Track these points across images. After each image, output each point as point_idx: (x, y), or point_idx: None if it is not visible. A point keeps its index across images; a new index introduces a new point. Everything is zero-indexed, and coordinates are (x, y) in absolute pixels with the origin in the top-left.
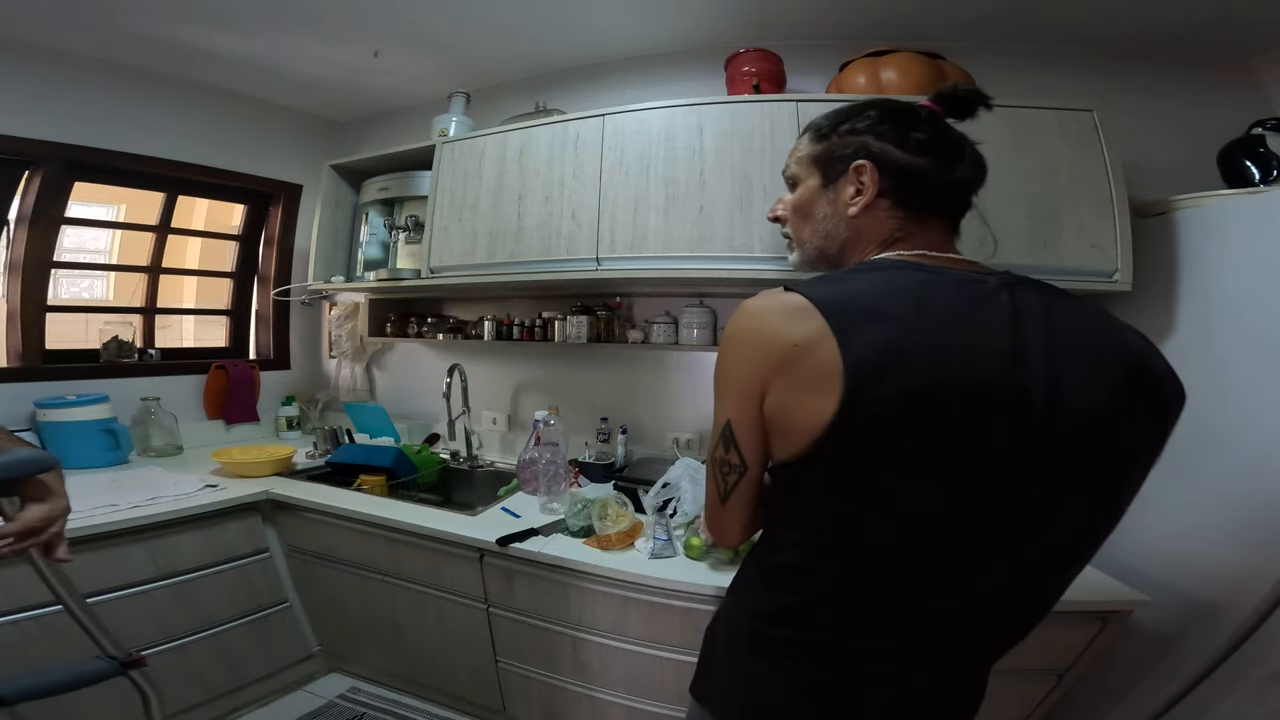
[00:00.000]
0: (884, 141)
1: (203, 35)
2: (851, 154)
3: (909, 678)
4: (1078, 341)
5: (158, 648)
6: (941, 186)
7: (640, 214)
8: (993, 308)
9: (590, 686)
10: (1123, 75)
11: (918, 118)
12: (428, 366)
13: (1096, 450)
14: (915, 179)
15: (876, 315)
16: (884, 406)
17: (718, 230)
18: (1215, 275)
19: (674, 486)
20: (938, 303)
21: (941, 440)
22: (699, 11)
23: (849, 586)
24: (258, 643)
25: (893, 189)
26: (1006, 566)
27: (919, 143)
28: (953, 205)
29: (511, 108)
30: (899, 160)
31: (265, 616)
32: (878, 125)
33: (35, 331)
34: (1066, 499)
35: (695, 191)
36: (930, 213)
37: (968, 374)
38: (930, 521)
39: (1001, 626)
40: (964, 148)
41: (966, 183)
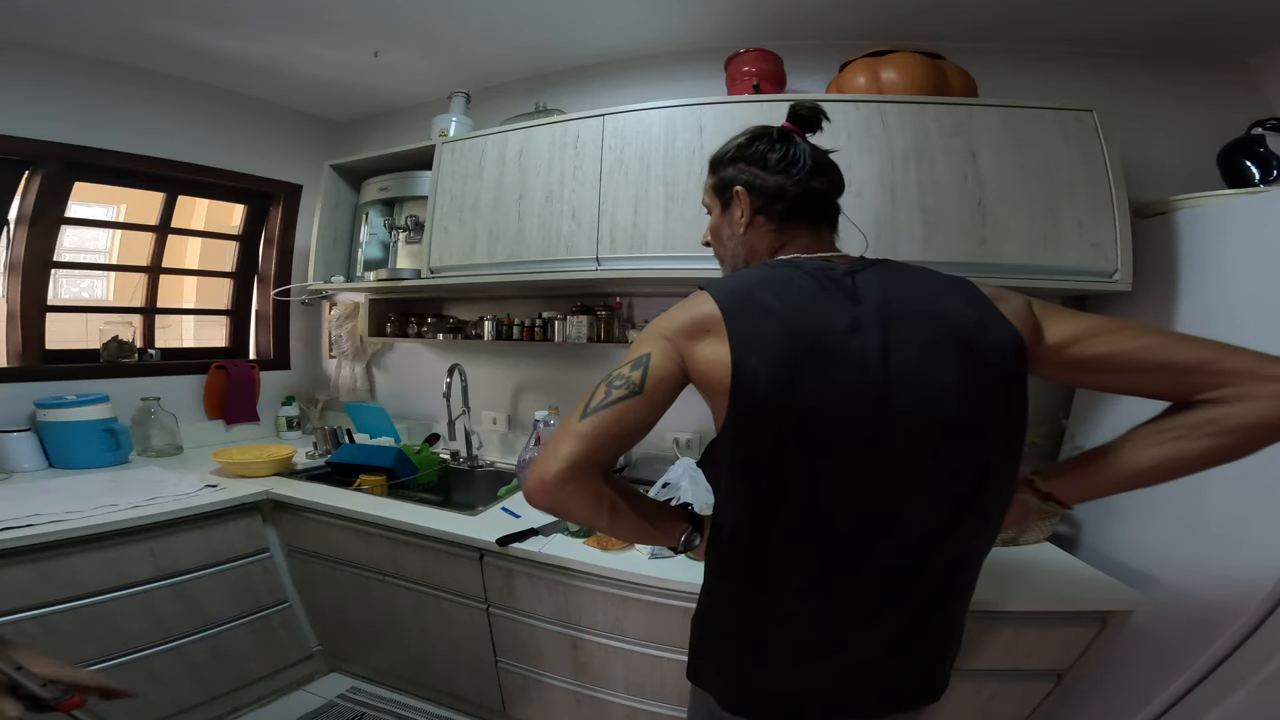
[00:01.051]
0: (753, 166)
1: (203, 35)
2: (731, 181)
3: (848, 634)
4: (910, 311)
5: (158, 648)
6: (800, 197)
7: (640, 214)
8: (835, 289)
9: (590, 686)
10: (1123, 75)
11: (773, 140)
12: (428, 366)
13: (931, 406)
14: (777, 195)
15: (750, 299)
16: (758, 369)
17: None
18: (1215, 275)
19: (674, 486)
20: (793, 289)
21: (804, 394)
22: (699, 11)
23: (764, 549)
24: (258, 643)
25: (764, 206)
26: (897, 519)
27: (775, 162)
28: (817, 212)
29: (511, 108)
30: (763, 181)
31: (265, 616)
32: (746, 151)
33: (35, 331)
34: (920, 451)
35: (695, 191)
36: (797, 221)
37: (815, 342)
38: (816, 468)
39: (917, 579)
40: (811, 162)
41: (821, 191)
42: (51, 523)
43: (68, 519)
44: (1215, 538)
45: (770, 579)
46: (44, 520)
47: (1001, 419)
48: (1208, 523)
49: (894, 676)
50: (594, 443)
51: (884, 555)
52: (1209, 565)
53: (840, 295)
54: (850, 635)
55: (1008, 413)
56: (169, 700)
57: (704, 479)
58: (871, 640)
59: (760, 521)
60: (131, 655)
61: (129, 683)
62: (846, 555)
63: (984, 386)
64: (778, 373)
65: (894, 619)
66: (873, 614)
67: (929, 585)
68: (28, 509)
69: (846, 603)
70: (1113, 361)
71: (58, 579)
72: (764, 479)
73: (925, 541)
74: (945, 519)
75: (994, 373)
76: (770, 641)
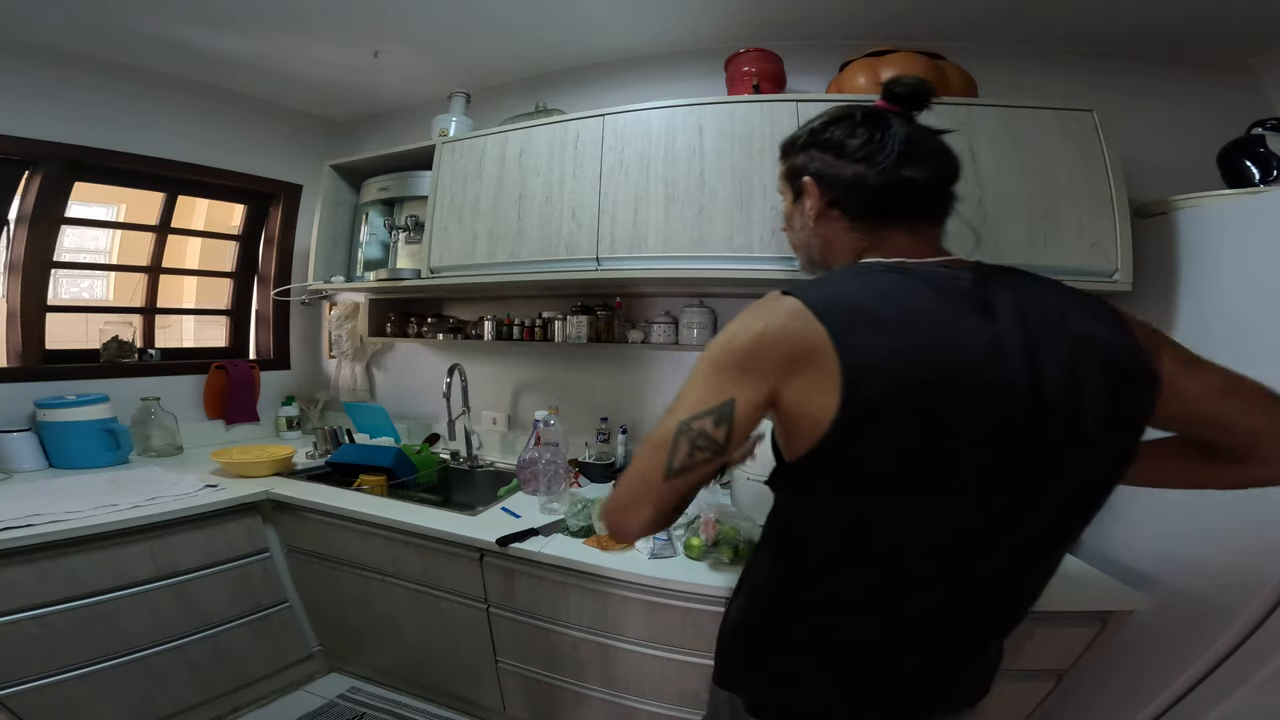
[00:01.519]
0: (826, 153)
1: (203, 35)
2: (801, 169)
3: (924, 655)
4: (1053, 331)
5: (158, 648)
6: (885, 189)
7: (640, 214)
8: (962, 302)
9: (590, 686)
10: (1123, 75)
11: (855, 123)
12: (428, 366)
13: (1079, 437)
14: (855, 186)
15: (865, 318)
16: (877, 403)
17: (717, 230)
18: (1215, 275)
19: None
20: (912, 301)
21: (932, 433)
22: (699, 11)
23: (856, 578)
24: (258, 643)
25: (839, 198)
26: (1004, 549)
27: (855, 149)
28: (913, 206)
29: (511, 108)
30: (836, 170)
31: (265, 616)
32: (820, 136)
33: (35, 331)
34: (1053, 484)
35: (695, 191)
36: (887, 217)
37: (948, 372)
38: (932, 507)
39: (1006, 604)
40: (904, 147)
41: (916, 182)
42: (51, 523)
43: (68, 519)
44: (1215, 538)
45: (862, 600)
46: (44, 520)
47: (1126, 462)
48: (1207, 523)
49: (949, 685)
50: (671, 505)
51: (979, 579)
52: (1209, 565)
53: (969, 309)
54: (917, 651)
55: (1127, 457)
56: (169, 700)
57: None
58: (935, 653)
59: (868, 547)
60: (131, 655)
61: (126, 682)
62: (945, 580)
63: (1125, 422)
64: (903, 413)
65: (965, 637)
66: (946, 631)
67: (1011, 608)
68: (28, 509)
69: (925, 621)
70: (1219, 424)
71: (58, 579)
72: (877, 516)
73: (1021, 565)
74: (1050, 548)
75: (1136, 408)
76: (835, 656)
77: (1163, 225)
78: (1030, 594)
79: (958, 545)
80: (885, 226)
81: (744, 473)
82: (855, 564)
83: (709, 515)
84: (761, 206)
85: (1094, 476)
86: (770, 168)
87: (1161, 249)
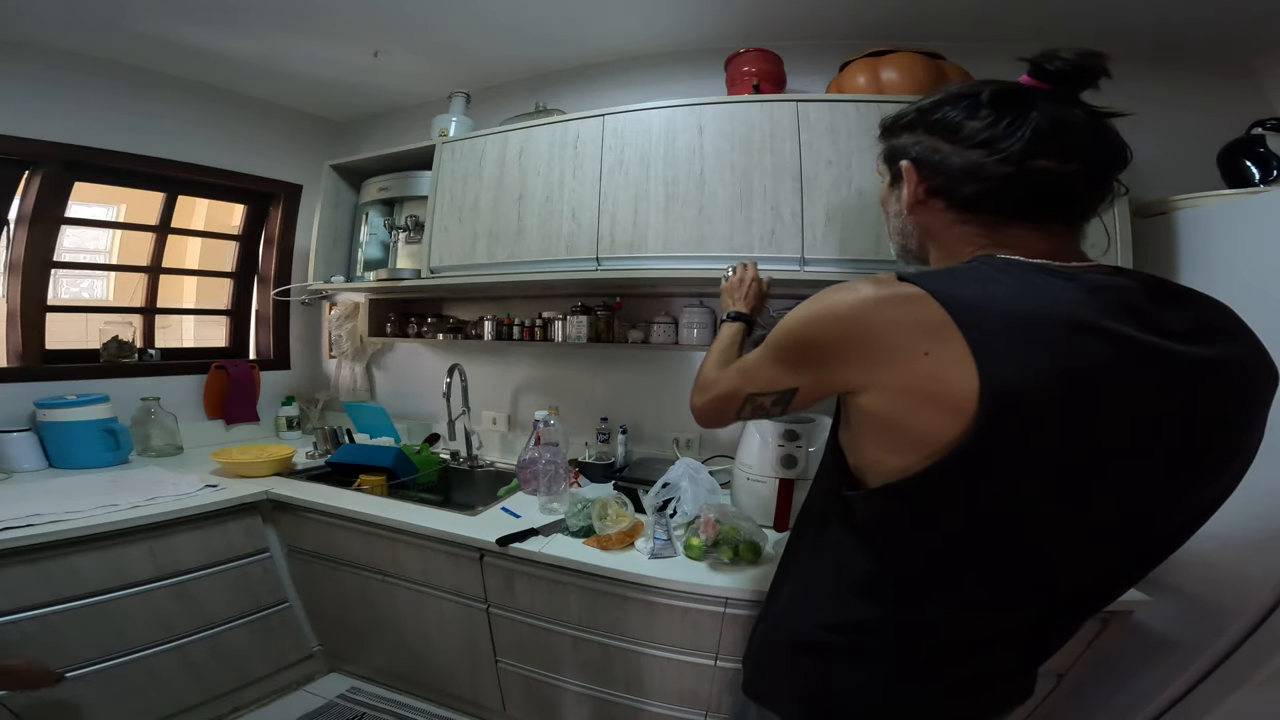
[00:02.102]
0: (935, 136)
1: (203, 35)
2: (901, 151)
3: (987, 678)
4: (1225, 355)
5: (158, 647)
6: (1011, 181)
7: (640, 214)
8: (1127, 317)
9: (590, 686)
10: (1122, 75)
11: (978, 104)
12: (428, 366)
13: (1219, 458)
14: (968, 175)
15: (1013, 325)
16: (1018, 434)
17: (718, 230)
18: (1215, 275)
19: (674, 486)
20: (1078, 315)
21: (1070, 467)
22: (699, 11)
23: (935, 605)
24: (258, 643)
25: (944, 187)
26: (1094, 575)
27: (973, 133)
28: (1048, 203)
29: (511, 108)
30: (944, 157)
31: (265, 616)
32: (930, 116)
33: (35, 331)
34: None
35: (695, 191)
36: (1014, 214)
37: (1112, 398)
38: (1040, 545)
39: (1065, 632)
40: (1038, 132)
41: (1055, 174)
42: (51, 523)
43: (68, 519)
44: (1215, 538)
45: (949, 616)
46: (44, 520)
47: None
48: (1208, 523)
49: (1017, 685)
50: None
51: (1057, 594)
52: (1209, 565)
53: (1133, 324)
54: (993, 659)
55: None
56: (169, 700)
57: (704, 478)
58: (997, 663)
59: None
60: (131, 655)
61: (125, 682)
62: (1027, 586)
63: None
64: (1044, 446)
65: (1027, 650)
66: (1013, 643)
67: (1075, 623)
68: (28, 509)
69: (998, 632)
70: None
71: (58, 579)
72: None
73: (1105, 585)
74: (1137, 565)
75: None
76: (910, 662)
77: (1163, 225)
78: (1081, 621)
79: (1052, 578)
80: (1006, 223)
81: (744, 473)
82: (958, 587)
83: (709, 515)
84: (762, 206)
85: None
86: (770, 168)
87: (1162, 249)
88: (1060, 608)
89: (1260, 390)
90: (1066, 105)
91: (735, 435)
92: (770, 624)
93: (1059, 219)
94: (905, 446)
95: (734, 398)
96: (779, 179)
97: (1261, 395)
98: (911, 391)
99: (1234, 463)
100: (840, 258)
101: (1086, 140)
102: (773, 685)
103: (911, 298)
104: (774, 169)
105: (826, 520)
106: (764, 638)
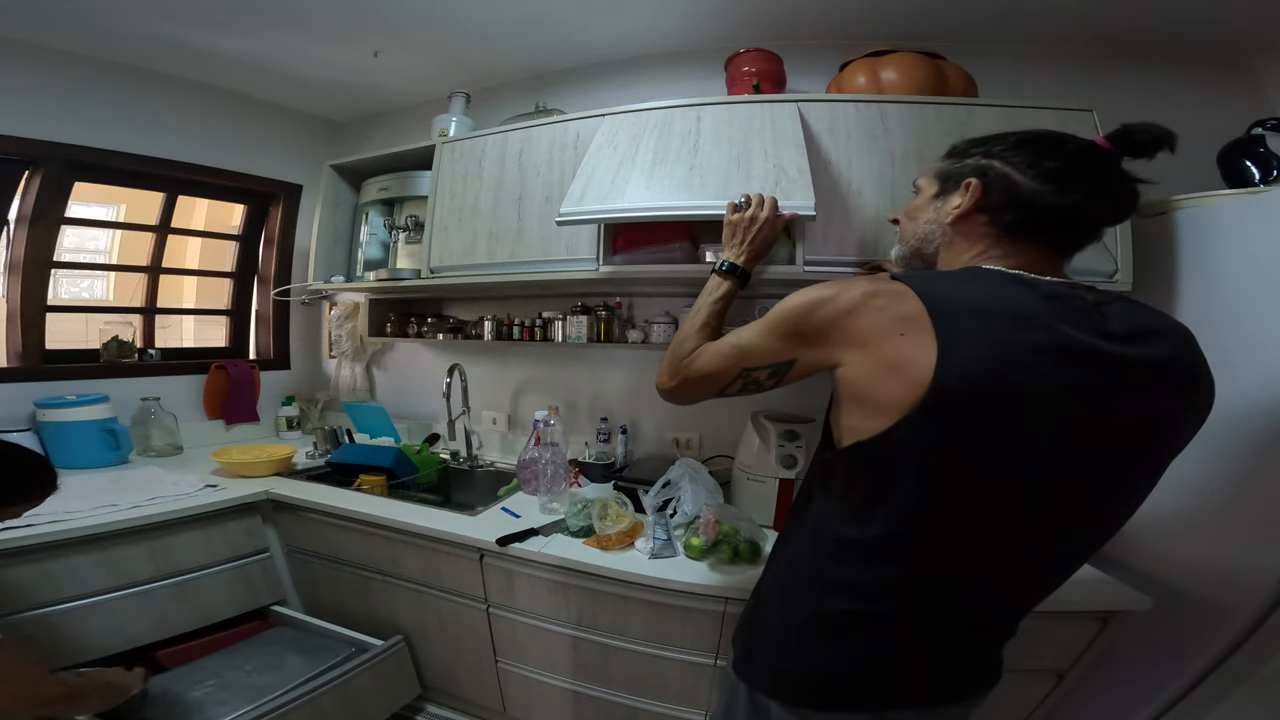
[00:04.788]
0: (1009, 165)
1: (202, 35)
2: (970, 171)
3: (956, 650)
4: (1167, 361)
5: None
6: (1047, 211)
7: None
8: (1087, 323)
9: (590, 686)
10: (1123, 75)
11: (1061, 149)
12: (428, 366)
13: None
14: (1024, 204)
15: (973, 317)
16: (961, 401)
17: (709, 182)
18: (1215, 275)
19: (674, 486)
20: (1028, 313)
21: (1009, 434)
22: (699, 11)
23: (902, 567)
24: None
25: (995, 207)
26: (1061, 543)
27: (1047, 170)
28: (1059, 230)
29: (511, 108)
30: (1015, 182)
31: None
32: (1012, 151)
33: (35, 331)
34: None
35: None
36: (1029, 234)
37: (1058, 388)
38: (995, 515)
39: (1036, 596)
40: (1103, 183)
41: (1080, 212)
42: (51, 523)
43: (68, 519)
44: (1215, 538)
45: (921, 580)
46: (44, 520)
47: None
48: (1208, 523)
49: (988, 663)
50: (701, 397)
51: (1037, 570)
52: (1209, 565)
53: (1074, 324)
54: (948, 635)
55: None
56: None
57: (704, 478)
58: (965, 637)
59: (945, 525)
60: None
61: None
62: (1010, 564)
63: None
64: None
65: (1009, 614)
66: (979, 616)
67: (1045, 595)
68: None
69: (979, 609)
70: None
71: (58, 579)
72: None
73: (1073, 560)
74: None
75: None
76: (885, 633)
77: (1163, 225)
78: (1047, 590)
79: (1020, 539)
80: (1027, 241)
81: (744, 473)
82: (921, 551)
83: (709, 516)
84: (763, 165)
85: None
86: (771, 137)
87: (1162, 249)
88: (1024, 579)
89: (1192, 396)
90: (1119, 168)
91: (735, 435)
92: (756, 602)
93: (1061, 245)
94: (876, 411)
95: (724, 375)
96: (781, 148)
97: (1194, 407)
98: (885, 364)
99: (1140, 459)
100: (839, 259)
101: (1123, 198)
102: (759, 664)
103: (900, 293)
104: (775, 138)
105: (811, 491)
106: (751, 616)
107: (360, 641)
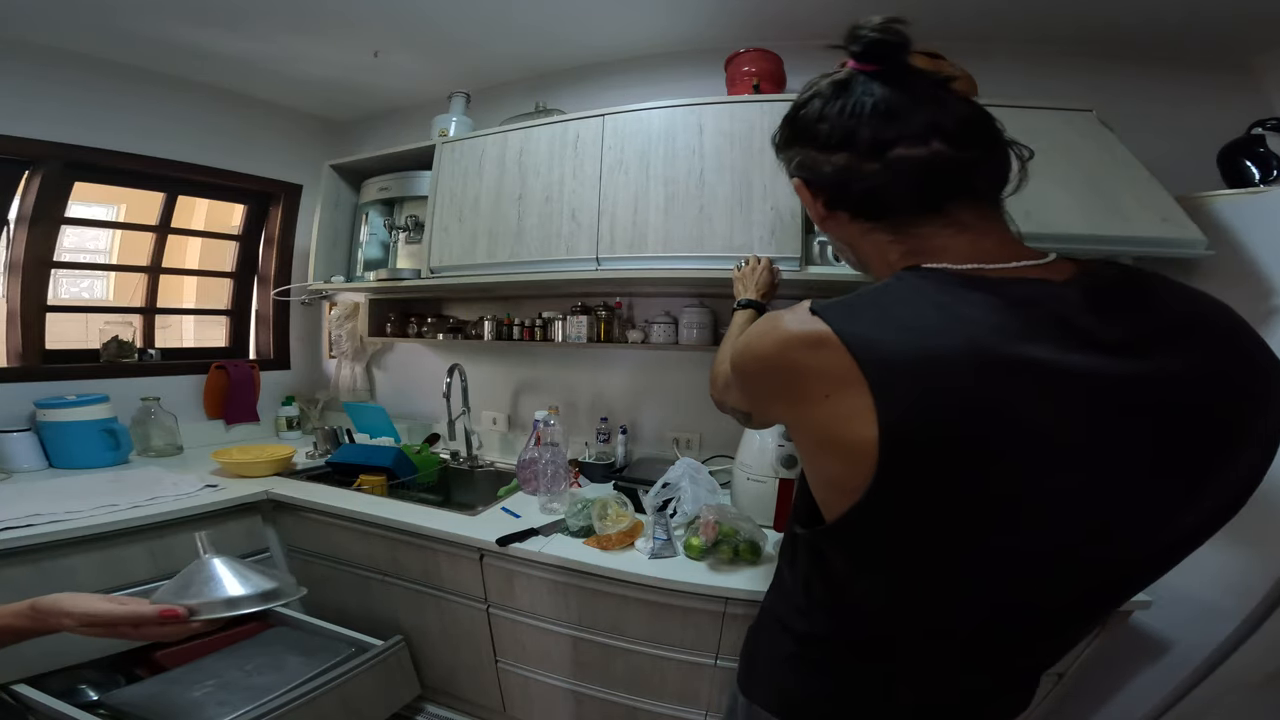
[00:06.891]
0: (806, 146)
1: (202, 35)
2: (792, 170)
3: (944, 694)
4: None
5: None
6: (886, 179)
7: (640, 214)
8: (1071, 334)
9: (590, 686)
10: (1123, 75)
11: (825, 99)
12: (428, 366)
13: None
14: (842, 181)
15: (917, 371)
16: (923, 478)
17: (717, 230)
18: (1214, 275)
19: (674, 486)
20: (986, 346)
21: (986, 500)
22: (699, 11)
23: (891, 626)
24: None
25: (835, 198)
26: (1049, 601)
27: (828, 135)
28: (938, 190)
29: (511, 108)
30: (818, 165)
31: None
32: (796, 126)
33: (35, 331)
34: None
35: (695, 191)
36: (915, 211)
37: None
38: (980, 577)
39: (1055, 646)
40: (885, 117)
41: (919, 159)
42: (51, 523)
43: (68, 519)
44: (1215, 538)
45: (915, 640)
46: (44, 520)
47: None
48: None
49: (998, 706)
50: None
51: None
52: (1209, 565)
53: (1053, 342)
54: (963, 680)
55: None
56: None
57: (704, 478)
58: (962, 691)
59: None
60: None
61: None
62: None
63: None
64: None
65: (1011, 668)
66: (978, 668)
67: (1058, 646)
68: (28, 509)
69: (958, 658)
70: None
71: (58, 579)
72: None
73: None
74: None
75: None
76: (875, 681)
77: None
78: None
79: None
80: (911, 223)
81: (744, 473)
82: (908, 615)
83: (709, 516)
84: (761, 206)
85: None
86: (771, 167)
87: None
88: (1021, 636)
89: (1248, 399)
90: (892, 87)
91: (735, 435)
92: (759, 620)
93: (963, 204)
94: (829, 487)
95: (723, 405)
96: (779, 179)
97: (1232, 418)
98: (816, 438)
99: (1192, 493)
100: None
101: (931, 114)
102: (759, 681)
103: (819, 340)
104: (774, 169)
105: (795, 539)
106: (753, 633)
107: (360, 641)
